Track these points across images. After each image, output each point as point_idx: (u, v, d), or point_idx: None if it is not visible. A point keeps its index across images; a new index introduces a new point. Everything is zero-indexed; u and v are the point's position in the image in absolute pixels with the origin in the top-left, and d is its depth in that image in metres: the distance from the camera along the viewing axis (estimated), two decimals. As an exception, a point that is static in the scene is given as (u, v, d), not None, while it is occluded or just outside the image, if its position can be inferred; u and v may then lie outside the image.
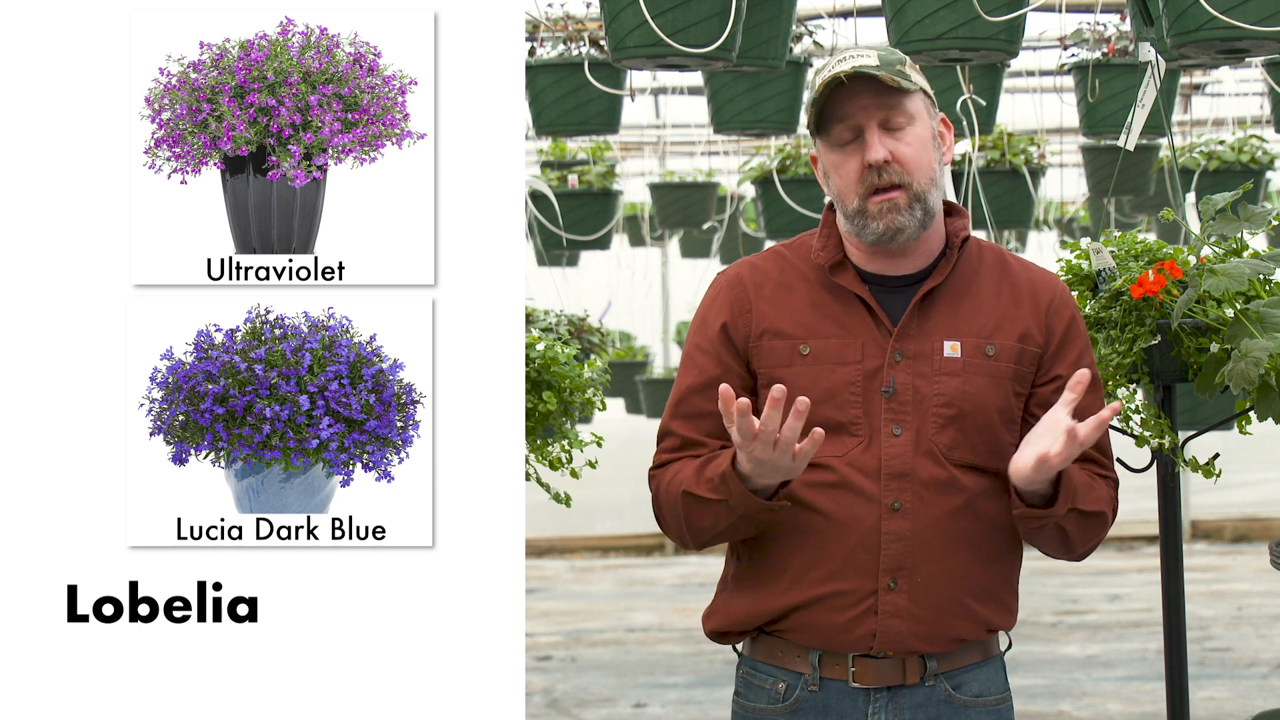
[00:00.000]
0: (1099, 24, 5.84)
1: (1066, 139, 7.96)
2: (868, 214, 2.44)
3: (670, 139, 9.52)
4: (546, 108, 5.35)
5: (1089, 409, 2.49)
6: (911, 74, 2.45)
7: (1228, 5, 3.25)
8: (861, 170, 2.43)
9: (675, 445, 2.52)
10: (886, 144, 2.42)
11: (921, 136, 2.45)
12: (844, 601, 2.44)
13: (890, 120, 2.43)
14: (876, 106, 2.42)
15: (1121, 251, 3.16)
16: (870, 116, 2.43)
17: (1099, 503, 2.48)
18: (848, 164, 2.45)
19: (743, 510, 2.39)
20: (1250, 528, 11.65)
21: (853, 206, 2.45)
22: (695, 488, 2.43)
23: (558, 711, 6.86)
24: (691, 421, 2.50)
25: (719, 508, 2.41)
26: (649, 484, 2.54)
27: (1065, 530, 2.46)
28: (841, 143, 2.45)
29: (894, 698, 2.47)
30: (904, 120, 2.44)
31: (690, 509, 2.45)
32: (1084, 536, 2.49)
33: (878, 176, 2.43)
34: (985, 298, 2.50)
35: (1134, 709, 6.69)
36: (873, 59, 2.42)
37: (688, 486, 2.44)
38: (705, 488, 2.42)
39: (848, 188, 2.45)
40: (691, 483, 2.44)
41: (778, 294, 2.51)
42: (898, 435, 2.44)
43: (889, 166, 2.42)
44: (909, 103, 2.44)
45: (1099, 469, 2.54)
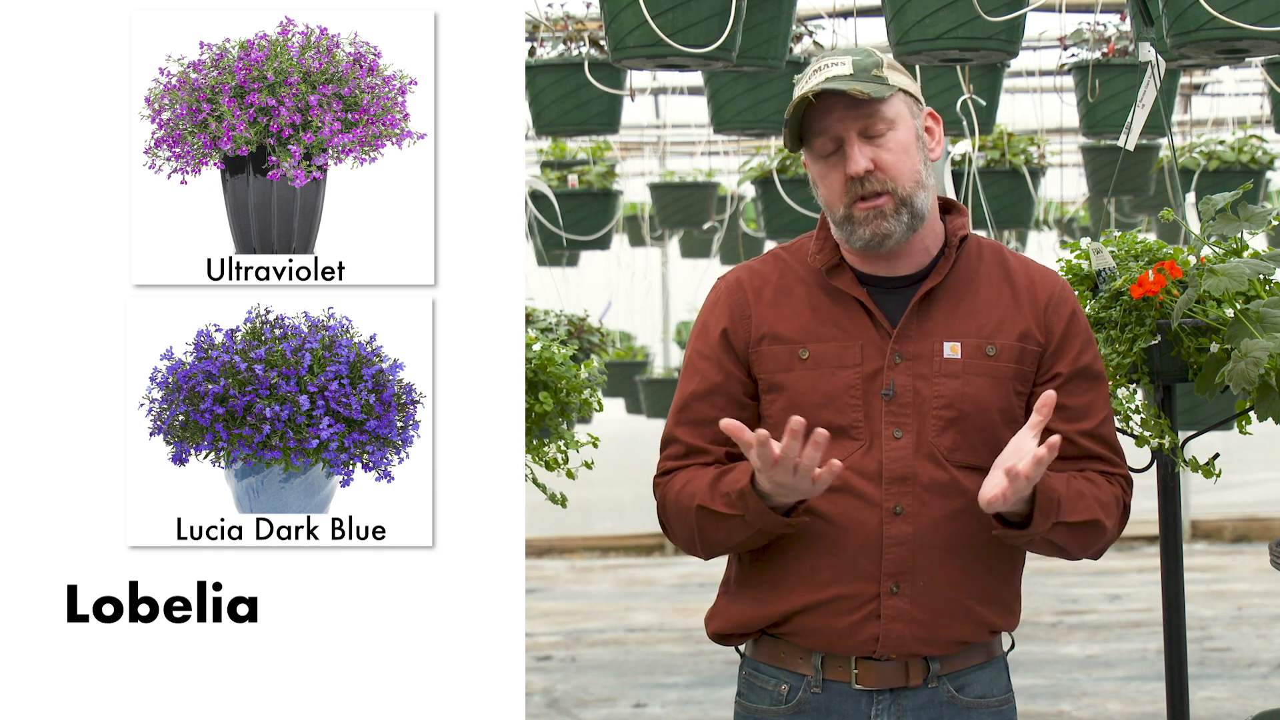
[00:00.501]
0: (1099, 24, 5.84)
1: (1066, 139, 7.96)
2: (854, 220, 2.44)
3: (670, 139, 9.52)
4: (546, 108, 5.35)
5: (1092, 404, 2.48)
6: (889, 75, 2.43)
7: (1228, 5, 3.25)
8: (845, 181, 2.43)
9: (680, 453, 2.51)
10: (867, 153, 2.42)
11: (903, 140, 2.44)
12: (846, 606, 2.44)
13: (869, 129, 2.42)
14: (853, 117, 2.42)
15: (1121, 251, 3.16)
16: (848, 127, 2.42)
17: (1091, 511, 2.45)
18: (832, 174, 2.45)
19: (760, 526, 2.39)
20: (1250, 528, 11.65)
21: (839, 214, 2.45)
22: (710, 502, 2.42)
23: (558, 711, 6.86)
24: (696, 428, 2.50)
25: (735, 522, 2.41)
26: (654, 491, 2.54)
27: (1055, 543, 2.45)
28: (824, 154, 2.45)
29: (896, 700, 2.47)
30: (883, 126, 2.43)
31: (705, 522, 2.44)
32: (1079, 545, 2.47)
33: (861, 186, 2.42)
34: (985, 297, 2.49)
35: (1134, 709, 6.69)
36: (846, 68, 2.41)
37: (702, 500, 2.43)
38: (721, 503, 2.41)
39: (834, 197, 2.46)
40: (706, 497, 2.43)
41: (777, 298, 2.51)
42: (898, 438, 2.44)
43: (872, 175, 2.42)
44: (886, 108, 2.43)
45: (1107, 467, 2.51)
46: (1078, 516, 2.43)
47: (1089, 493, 2.46)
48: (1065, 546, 2.46)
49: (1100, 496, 2.47)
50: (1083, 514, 2.44)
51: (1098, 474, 2.50)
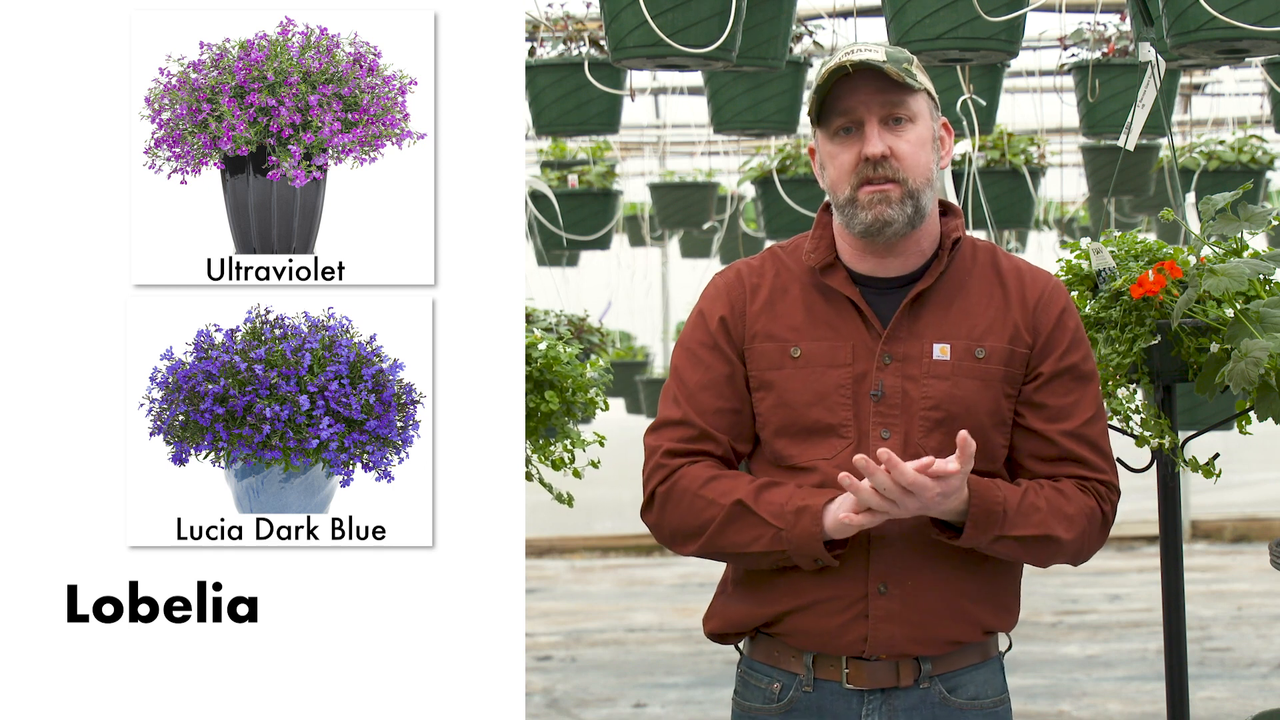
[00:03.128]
0: (1099, 24, 5.85)
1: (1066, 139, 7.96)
2: (858, 203, 2.43)
3: (670, 139, 9.53)
4: (546, 108, 5.35)
5: (1077, 404, 2.47)
6: (918, 74, 2.45)
7: (1228, 5, 3.25)
8: (857, 162, 2.43)
9: (693, 435, 2.49)
10: (886, 139, 2.42)
11: (921, 136, 2.45)
12: (834, 606, 2.44)
13: (892, 116, 2.43)
14: (879, 102, 2.42)
15: (1121, 251, 3.16)
16: (871, 111, 2.43)
17: (1043, 525, 2.41)
18: (844, 155, 2.44)
19: (795, 547, 2.39)
20: (1250, 528, 11.64)
21: (844, 196, 2.45)
22: (754, 504, 2.41)
23: (558, 711, 6.86)
24: (705, 416, 2.49)
25: (768, 533, 2.40)
26: (653, 473, 2.50)
27: (1004, 553, 2.43)
28: (840, 133, 2.45)
29: (887, 700, 2.47)
30: (906, 117, 2.43)
31: (735, 520, 2.42)
32: (1030, 557, 2.45)
33: (873, 170, 2.42)
34: (976, 299, 2.49)
35: (1134, 709, 6.69)
36: (880, 54, 2.42)
37: (744, 497, 2.42)
38: (766, 508, 2.41)
39: (841, 178, 2.45)
40: (749, 496, 2.42)
41: (771, 296, 2.51)
42: (886, 438, 2.43)
43: (885, 161, 2.42)
44: (912, 101, 2.44)
45: (1086, 471, 2.47)
46: (1025, 530, 2.41)
47: (1048, 505, 2.42)
48: (1018, 557, 2.45)
49: (1064, 509, 2.43)
50: (1032, 529, 2.41)
51: (1074, 482, 2.46)
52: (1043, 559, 2.46)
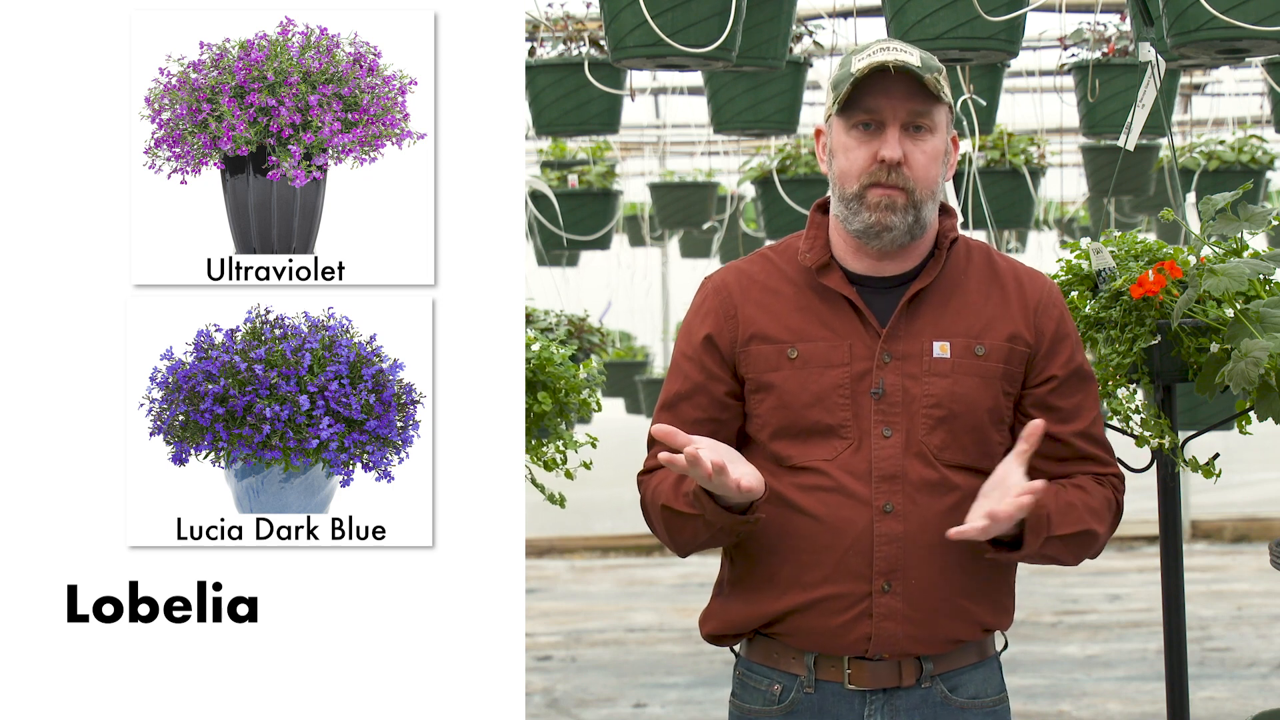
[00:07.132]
0: (1099, 24, 5.85)
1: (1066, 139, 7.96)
2: (864, 202, 2.43)
3: (670, 139, 9.53)
4: (546, 108, 5.36)
5: (1082, 404, 2.49)
6: (944, 86, 2.45)
7: (1228, 5, 3.25)
8: (871, 161, 2.43)
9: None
10: (904, 145, 2.42)
11: (936, 149, 2.45)
12: (838, 605, 2.44)
13: (914, 123, 2.43)
14: (906, 108, 2.42)
15: (1121, 251, 3.16)
16: (897, 114, 2.42)
17: (1082, 521, 2.45)
18: (859, 150, 2.44)
19: (719, 524, 2.40)
20: (1250, 528, 11.64)
21: (851, 190, 2.45)
22: (673, 502, 2.45)
23: (558, 711, 6.86)
24: (685, 427, 2.50)
25: (697, 522, 2.43)
26: (638, 488, 2.56)
27: (1049, 555, 2.46)
28: (860, 127, 2.45)
29: (890, 700, 2.47)
30: (927, 126, 2.44)
31: (670, 521, 2.47)
32: (1073, 554, 2.48)
33: (885, 174, 2.42)
34: (974, 297, 2.50)
35: (1134, 709, 6.69)
36: (915, 58, 2.42)
37: (666, 500, 2.46)
38: (683, 502, 2.44)
39: (852, 172, 2.45)
40: (669, 496, 2.46)
41: (764, 298, 2.51)
42: (888, 437, 2.44)
43: (899, 169, 2.42)
44: (936, 112, 2.44)
45: (1098, 468, 2.52)
46: (1071, 528, 2.44)
47: (1079, 502, 2.47)
48: (1059, 557, 2.48)
49: (1091, 503, 2.48)
50: (1074, 525, 2.45)
51: (1089, 477, 2.51)
52: (1079, 555, 2.49)
